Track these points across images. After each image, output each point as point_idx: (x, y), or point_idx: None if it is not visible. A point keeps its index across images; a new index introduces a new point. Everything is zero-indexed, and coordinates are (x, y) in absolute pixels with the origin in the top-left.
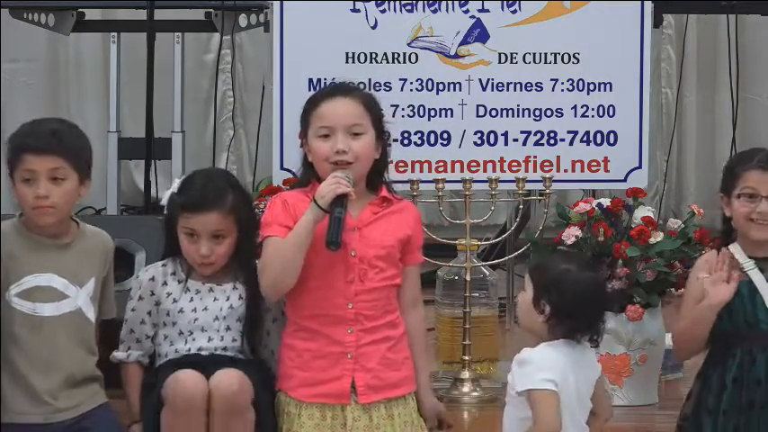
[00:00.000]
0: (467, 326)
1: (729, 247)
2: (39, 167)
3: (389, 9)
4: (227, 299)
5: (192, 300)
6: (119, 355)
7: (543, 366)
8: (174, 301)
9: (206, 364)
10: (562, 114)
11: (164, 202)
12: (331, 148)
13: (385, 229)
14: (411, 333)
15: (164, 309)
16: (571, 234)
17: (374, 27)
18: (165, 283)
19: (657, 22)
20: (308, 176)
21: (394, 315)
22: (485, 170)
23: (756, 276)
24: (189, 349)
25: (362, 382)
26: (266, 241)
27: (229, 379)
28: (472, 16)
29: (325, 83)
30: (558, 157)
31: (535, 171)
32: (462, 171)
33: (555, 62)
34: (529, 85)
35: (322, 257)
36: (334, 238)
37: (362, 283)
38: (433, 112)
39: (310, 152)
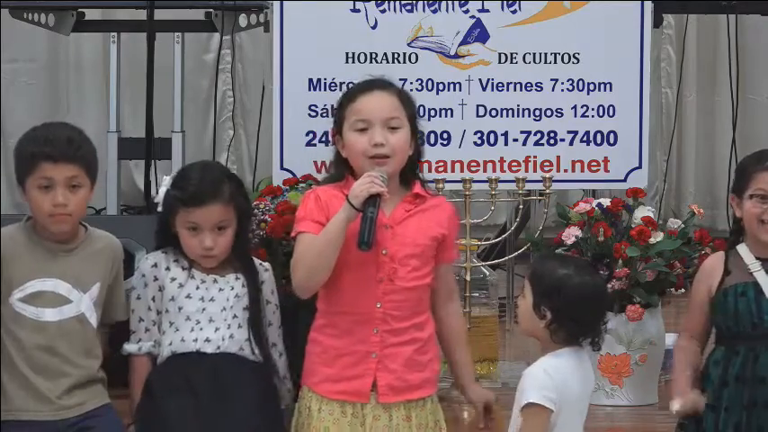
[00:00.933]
0: (467, 326)
1: (737, 247)
2: (57, 175)
3: (389, 9)
4: (232, 288)
5: (198, 288)
6: (129, 347)
7: (544, 383)
8: (180, 285)
9: (204, 383)
10: (562, 114)
11: (158, 200)
12: (369, 141)
13: (418, 227)
14: (452, 327)
15: (168, 294)
16: (571, 234)
17: (374, 27)
18: (168, 268)
19: (657, 22)
20: (342, 171)
21: (422, 317)
22: (485, 170)
23: (762, 278)
24: (195, 339)
25: (384, 383)
26: (299, 237)
27: None
28: (472, 16)
29: (325, 83)
30: (558, 157)
31: (535, 171)
32: (462, 171)
33: (555, 62)
34: (529, 85)
35: (354, 255)
36: (366, 238)
37: (392, 282)
38: (433, 112)
39: (344, 147)
